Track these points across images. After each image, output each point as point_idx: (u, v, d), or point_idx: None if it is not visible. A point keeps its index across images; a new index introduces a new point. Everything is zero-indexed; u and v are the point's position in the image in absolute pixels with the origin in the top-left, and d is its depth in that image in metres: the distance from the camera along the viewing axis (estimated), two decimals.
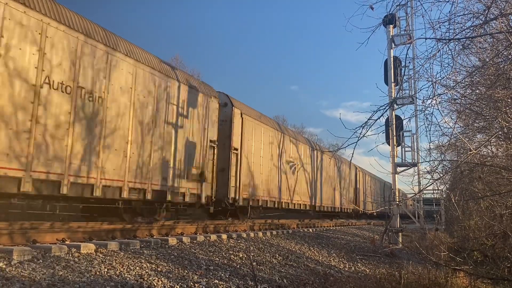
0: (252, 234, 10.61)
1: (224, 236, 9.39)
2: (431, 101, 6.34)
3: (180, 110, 11.37)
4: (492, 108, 7.17)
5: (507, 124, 6.43)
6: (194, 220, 11.70)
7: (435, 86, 5.97)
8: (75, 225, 7.59)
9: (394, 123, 13.75)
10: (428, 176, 9.64)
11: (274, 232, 12.02)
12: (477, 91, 7.94)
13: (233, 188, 13.78)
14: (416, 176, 14.87)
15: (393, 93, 13.90)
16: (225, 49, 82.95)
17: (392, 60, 14.71)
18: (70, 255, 5.60)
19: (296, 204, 19.47)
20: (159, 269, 5.88)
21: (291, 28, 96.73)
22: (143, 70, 9.97)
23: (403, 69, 14.63)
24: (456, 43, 5.91)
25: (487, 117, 7.89)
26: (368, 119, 5.44)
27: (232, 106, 14.22)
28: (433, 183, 6.88)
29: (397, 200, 14.68)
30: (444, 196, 18.57)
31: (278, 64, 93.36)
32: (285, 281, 7.02)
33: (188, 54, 73.87)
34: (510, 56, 6.15)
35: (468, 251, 8.77)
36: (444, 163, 10.07)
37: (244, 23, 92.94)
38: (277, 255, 8.88)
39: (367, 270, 9.64)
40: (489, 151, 9.88)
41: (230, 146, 13.83)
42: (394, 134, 14.07)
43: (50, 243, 6.15)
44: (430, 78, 6.29)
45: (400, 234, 14.54)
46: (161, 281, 5.39)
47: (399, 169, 15.44)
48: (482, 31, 5.59)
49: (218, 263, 7.04)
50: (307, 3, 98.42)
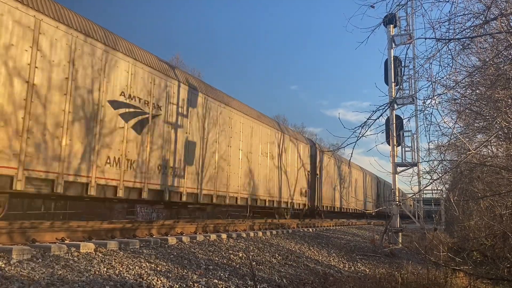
0: (251, 234, 10.61)
1: (224, 236, 9.39)
2: (431, 101, 6.35)
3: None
4: (492, 108, 7.17)
5: (507, 124, 6.42)
6: (193, 220, 11.69)
7: (435, 86, 5.97)
8: (75, 224, 7.58)
9: (394, 123, 13.75)
10: (428, 176, 9.63)
11: (274, 232, 12.02)
12: (477, 91, 7.93)
13: None
14: (416, 176, 14.86)
15: (393, 93, 13.90)
16: (225, 49, 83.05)
17: (392, 60, 14.71)
18: (70, 255, 5.60)
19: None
20: (158, 268, 5.88)
21: (290, 28, 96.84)
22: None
23: (403, 69, 14.63)
24: (456, 43, 5.90)
25: (487, 117, 7.89)
26: (368, 119, 5.43)
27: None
28: (432, 183, 6.87)
29: (397, 200, 14.68)
30: (444, 196, 18.56)
31: (278, 63, 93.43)
32: (284, 281, 7.02)
33: (188, 54, 73.89)
34: (510, 56, 6.15)
35: (467, 251, 8.77)
36: (444, 163, 10.06)
37: (244, 24, 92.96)
38: (277, 255, 8.88)
39: (367, 270, 9.63)
40: (489, 151, 9.88)
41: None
42: (394, 134, 14.06)
43: (49, 242, 6.15)
44: (430, 78, 6.30)
45: (400, 234, 14.54)
46: (161, 280, 5.39)
47: (399, 169, 15.44)
48: (482, 31, 5.58)
49: (218, 262, 7.04)
50: (306, 4, 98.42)
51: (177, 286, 5.33)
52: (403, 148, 15.92)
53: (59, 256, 5.45)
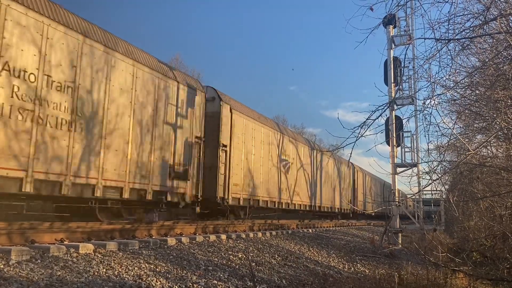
0: (251, 235, 10.60)
1: (223, 237, 9.37)
2: (431, 102, 6.35)
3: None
4: (491, 109, 7.17)
5: (507, 125, 6.42)
6: (193, 221, 11.68)
7: (434, 86, 5.98)
8: (74, 225, 7.57)
9: (393, 123, 13.74)
10: (428, 177, 9.62)
11: (274, 233, 12.01)
12: (477, 91, 7.93)
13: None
14: (416, 177, 14.85)
15: (392, 93, 13.89)
16: (224, 50, 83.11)
17: (391, 60, 14.71)
18: (69, 255, 5.59)
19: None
20: (157, 269, 5.87)
21: (289, 28, 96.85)
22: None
23: (403, 69, 14.62)
24: (456, 43, 5.90)
25: (487, 117, 7.89)
26: (367, 119, 5.43)
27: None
28: (432, 183, 6.87)
29: (397, 200, 14.67)
30: (443, 196, 18.55)
31: (277, 64, 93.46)
32: (284, 281, 7.01)
33: (189, 55, 73.92)
34: (509, 57, 6.14)
35: (467, 252, 8.76)
36: (444, 163, 10.06)
37: (243, 24, 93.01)
38: (276, 256, 8.87)
39: (367, 271, 9.62)
40: (488, 151, 9.87)
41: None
42: (394, 134, 14.06)
43: (48, 243, 6.13)
44: (429, 79, 6.30)
45: (400, 234, 14.53)
46: (160, 281, 5.38)
47: (398, 169, 15.43)
48: (482, 31, 5.58)
49: (217, 263, 7.03)
50: (305, 4, 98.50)
51: (177, 287, 5.32)
52: (402, 149, 15.91)
53: (58, 257, 5.44)
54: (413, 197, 16.76)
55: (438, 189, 15.70)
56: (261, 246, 9.50)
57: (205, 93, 13.04)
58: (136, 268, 5.67)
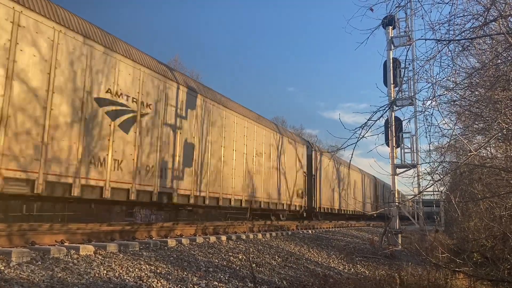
0: (251, 236, 10.59)
1: (224, 238, 9.37)
2: (431, 102, 6.35)
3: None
4: (491, 110, 7.17)
5: (507, 126, 6.42)
6: (193, 222, 11.66)
7: (434, 87, 5.98)
8: (74, 226, 7.56)
9: (393, 124, 13.75)
10: (428, 178, 9.62)
11: (274, 234, 12.00)
12: (477, 92, 7.93)
13: None
14: (416, 178, 14.86)
15: (392, 94, 13.90)
16: (223, 51, 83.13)
17: (391, 62, 14.72)
18: (69, 257, 5.58)
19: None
20: (158, 270, 5.86)
21: (287, 29, 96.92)
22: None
23: (403, 70, 14.64)
24: (456, 44, 5.91)
25: (487, 118, 7.88)
26: (368, 120, 5.42)
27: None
28: (433, 185, 6.87)
29: (397, 201, 14.68)
30: (443, 197, 18.56)
31: (275, 65, 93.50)
32: (284, 282, 7.00)
33: (187, 56, 73.87)
34: (509, 58, 6.15)
35: (467, 253, 8.75)
36: (444, 164, 10.07)
37: (243, 25, 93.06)
38: (277, 257, 8.87)
39: (367, 272, 9.62)
40: (488, 152, 9.88)
41: None
42: (394, 135, 14.07)
43: (49, 245, 6.12)
44: (429, 80, 6.31)
45: (400, 235, 14.53)
46: (161, 282, 5.37)
47: (398, 170, 15.43)
48: (482, 32, 5.59)
49: (218, 264, 7.03)
50: (303, 5, 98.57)
51: None
52: (402, 150, 15.92)
53: (59, 258, 5.43)
54: (415, 198, 16.73)
55: (439, 190, 15.73)
56: (261, 247, 9.49)
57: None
58: (136, 270, 5.66)
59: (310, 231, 15.39)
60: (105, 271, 5.31)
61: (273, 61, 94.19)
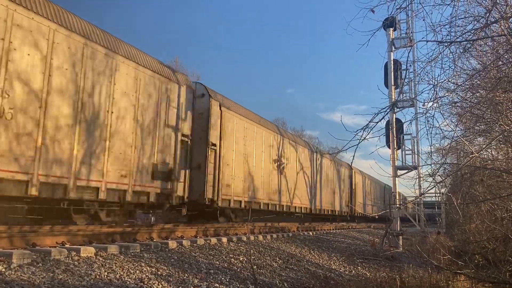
0: (252, 237, 10.58)
1: (225, 239, 9.35)
2: (432, 104, 6.35)
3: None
4: (493, 111, 7.16)
5: (508, 128, 6.41)
6: (194, 223, 11.65)
7: (435, 89, 5.97)
8: (75, 228, 7.56)
9: (394, 126, 13.75)
10: (429, 179, 9.62)
11: (275, 236, 11.99)
12: (478, 94, 7.93)
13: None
14: (417, 179, 14.86)
15: (393, 96, 13.91)
16: (224, 52, 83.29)
17: (392, 63, 14.73)
18: (70, 259, 5.57)
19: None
20: (159, 272, 5.86)
21: (285, 31, 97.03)
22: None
23: (405, 72, 14.65)
24: (457, 46, 5.91)
25: (488, 120, 7.88)
26: (369, 122, 5.43)
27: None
28: (434, 186, 6.87)
29: (398, 203, 14.67)
30: (444, 199, 18.54)
31: (274, 66, 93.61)
32: (285, 284, 6.99)
33: (188, 57, 73.97)
34: (511, 59, 6.15)
35: (469, 255, 8.73)
36: (445, 166, 10.06)
37: (243, 26, 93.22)
38: (278, 259, 8.86)
39: (368, 274, 9.61)
40: (489, 154, 9.87)
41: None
42: (395, 137, 14.06)
43: (49, 247, 6.12)
44: (431, 81, 6.30)
45: (401, 237, 14.51)
46: (161, 284, 5.37)
47: (399, 172, 15.43)
48: (483, 34, 5.59)
49: (219, 266, 7.02)
50: (302, 6, 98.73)
51: None
52: (403, 151, 15.92)
53: (60, 260, 5.42)
54: (416, 200, 16.72)
55: (440, 191, 15.73)
56: (262, 249, 9.48)
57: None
58: (137, 272, 5.65)
59: (311, 233, 15.37)
60: (106, 273, 5.30)
61: (272, 62, 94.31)
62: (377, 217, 29.57)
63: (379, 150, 6.55)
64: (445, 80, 6.49)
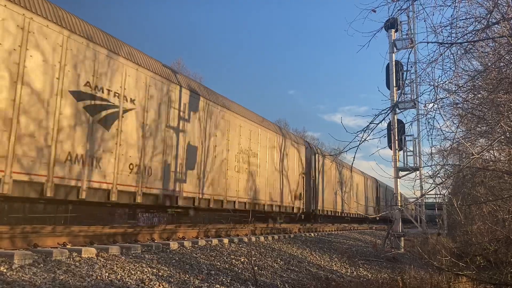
0: (253, 239, 10.58)
1: (226, 241, 9.36)
2: (433, 105, 6.35)
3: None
4: (494, 113, 7.15)
5: (510, 129, 6.40)
6: (195, 224, 11.66)
7: (437, 90, 5.96)
8: (76, 229, 7.56)
9: (396, 127, 13.75)
10: (430, 181, 9.61)
11: (276, 237, 11.99)
12: (479, 95, 7.92)
13: None
14: (418, 181, 14.84)
15: (394, 97, 13.90)
16: (226, 54, 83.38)
17: (393, 64, 14.74)
18: (71, 259, 5.59)
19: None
20: (160, 273, 5.86)
21: (285, 31, 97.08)
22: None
23: (406, 73, 14.65)
24: (458, 47, 5.91)
25: (489, 121, 7.86)
26: (370, 123, 5.43)
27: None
28: (435, 188, 6.86)
29: (399, 204, 14.66)
30: (446, 200, 18.51)
31: (275, 67, 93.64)
32: (287, 286, 6.99)
33: (191, 59, 74.03)
34: None
35: (470, 256, 8.72)
36: (446, 167, 10.04)
37: (242, 27, 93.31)
38: (279, 260, 8.85)
39: (369, 275, 9.59)
40: (491, 155, 9.85)
41: None
42: (396, 138, 14.06)
43: (51, 247, 6.13)
44: (432, 83, 6.30)
45: (402, 238, 14.49)
46: (162, 285, 5.37)
47: (401, 173, 15.42)
48: (484, 35, 5.58)
49: (220, 267, 7.02)
50: (301, 7, 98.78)
51: None
52: (405, 153, 15.92)
53: (61, 261, 5.43)
54: (417, 201, 16.71)
55: (441, 193, 15.71)
56: (263, 250, 9.48)
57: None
58: (138, 272, 5.66)
59: (312, 234, 15.36)
60: (107, 274, 5.31)
61: (273, 63, 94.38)
62: (378, 218, 29.53)
63: (381, 151, 6.56)
64: (446, 81, 6.49)
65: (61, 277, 4.84)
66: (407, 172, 15.75)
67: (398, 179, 15.19)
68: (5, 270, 4.68)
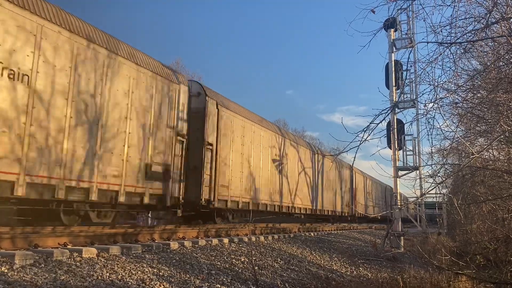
0: (253, 238, 10.59)
1: (226, 240, 9.37)
2: (433, 105, 6.36)
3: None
4: (493, 112, 7.18)
5: (509, 128, 6.42)
6: (195, 224, 11.66)
7: (436, 90, 5.99)
8: (77, 229, 7.58)
9: (395, 127, 13.77)
10: (430, 180, 9.63)
11: (276, 236, 12.00)
12: (479, 95, 7.94)
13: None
14: (418, 180, 14.86)
15: (394, 97, 13.92)
16: (224, 54, 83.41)
17: (393, 64, 14.76)
18: (72, 260, 5.60)
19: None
20: (160, 273, 5.87)
21: (285, 31, 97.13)
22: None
23: (405, 73, 14.67)
24: (458, 47, 5.92)
25: (489, 120, 7.89)
26: (370, 123, 5.45)
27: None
28: (435, 187, 6.88)
29: (399, 204, 14.69)
30: (445, 199, 18.54)
31: (273, 67, 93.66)
32: (287, 285, 7.00)
33: (189, 59, 74.06)
34: (511, 60, 6.16)
35: (470, 255, 8.74)
36: (446, 166, 10.07)
37: (242, 27, 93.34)
38: (279, 259, 8.86)
39: (369, 275, 9.61)
40: (490, 155, 9.87)
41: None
42: (396, 138, 14.07)
43: (52, 248, 6.14)
44: (431, 82, 6.31)
45: (402, 238, 14.51)
46: (163, 285, 5.38)
47: (400, 172, 15.44)
48: (484, 35, 5.60)
49: (220, 267, 7.03)
50: (301, 7, 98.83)
51: None
52: (404, 152, 15.94)
53: (62, 261, 5.44)
54: (417, 200, 16.73)
55: (441, 192, 15.74)
56: (264, 249, 9.49)
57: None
58: (139, 272, 5.67)
59: (312, 234, 15.38)
60: (107, 274, 5.32)
61: (271, 63, 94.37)
62: (379, 217, 29.78)
63: (380, 151, 6.57)
64: (445, 81, 6.51)
65: (62, 277, 4.85)
66: (406, 172, 15.77)
67: (397, 179, 15.21)
68: (6, 271, 4.69)
